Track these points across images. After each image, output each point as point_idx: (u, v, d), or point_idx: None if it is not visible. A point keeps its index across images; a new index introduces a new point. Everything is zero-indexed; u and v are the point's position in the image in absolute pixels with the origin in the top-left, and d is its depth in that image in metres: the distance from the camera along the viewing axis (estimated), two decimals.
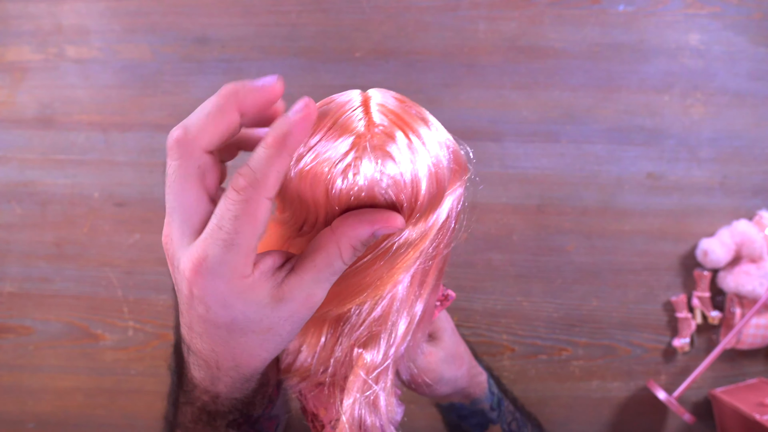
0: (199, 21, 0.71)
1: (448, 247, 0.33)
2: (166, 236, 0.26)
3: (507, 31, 0.70)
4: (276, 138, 0.24)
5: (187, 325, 0.27)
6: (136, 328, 0.71)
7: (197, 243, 0.25)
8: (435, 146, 0.28)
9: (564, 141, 0.70)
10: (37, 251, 0.72)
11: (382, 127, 0.27)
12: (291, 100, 0.74)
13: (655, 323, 0.70)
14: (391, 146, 0.27)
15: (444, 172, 0.28)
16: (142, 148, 0.71)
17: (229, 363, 0.28)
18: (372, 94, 0.29)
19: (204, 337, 0.27)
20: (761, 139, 0.70)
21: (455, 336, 0.45)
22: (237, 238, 0.24)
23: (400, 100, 0.29)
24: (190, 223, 0.26)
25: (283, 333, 0.27)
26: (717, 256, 0.66)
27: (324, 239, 0.26)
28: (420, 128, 0.28)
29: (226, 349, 0.27)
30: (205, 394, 0.31)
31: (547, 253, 0.71)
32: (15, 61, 0.72)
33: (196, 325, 0.27)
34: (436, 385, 0.43)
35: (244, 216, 0.24)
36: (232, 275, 0.24)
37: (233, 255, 0.24)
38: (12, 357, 0.72)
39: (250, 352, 0.28)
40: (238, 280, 0.25)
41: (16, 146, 0.72)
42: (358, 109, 0.28)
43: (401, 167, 0.27)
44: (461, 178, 0.31)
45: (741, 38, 0.70)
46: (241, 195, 0.23)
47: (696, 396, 0.70)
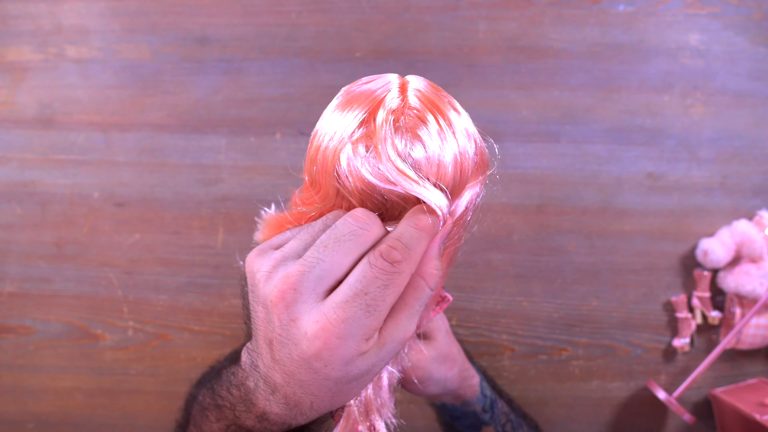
0: (199, 21, 0.71)
1: (460, 241, 0.33)
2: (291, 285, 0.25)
3: (507, 31, 0.70)
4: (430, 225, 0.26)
5: (287, 373, 0.27)
6: (136, 328, 0.71)
7: (335, 304, 0.25)
8: (463, 136, 0.29)
9: (564, 141, 0.70)
10: (37, 251, 0.72)
11: (416, 111, 0.28)
12: (291, 100, 0.75)
13: (655, 323, 0.70)
14: (423, 130, 0.28)
15: (468, 162, 0.29)
16: (142, 148, 0.71)
17: (325, 404, 0.28)
18: (410, 79, 0.30)
19: (308, 387, 0.27)
20: (761, 139, 0.70)
21: (449, 337, 0.45)
22: (380, 306, 0.25)
23: (436, 87, 0.30)
24: (329, 282, 0.25)
25: (378, 370, 0.28)
26: (717, 256, 0.66)
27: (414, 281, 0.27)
28: (451, 116, 0.29)
29: (327, 395, 0.27)
30: (276, 425, 0.30)
31: (547, 253, 0.71)
32: (15, 61, 0.72)
33: (301, 376, 0.26)
34: (424, 384, 0.43)
35: (393, 287, 0.25)
36: (363, 337, 0.25)
37: (372, 320, 0.25)
38: (12, 357, 0.72)
39: (348, 394, 0.28)
40: (364, 343, 0.25)
41: (16, 146, 0.72)
42: (395, 90, 0.29)
43: (429, 151, 0.27)
44: (483, 173, 0.32)
45: (741, 38, 0.70)
46: (395, 268, 0.25)
47: (696, 396, 0.70)
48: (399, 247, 0.25)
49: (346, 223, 0.26)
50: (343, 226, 0.26)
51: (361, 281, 0.25)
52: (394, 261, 0.25)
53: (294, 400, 0.28)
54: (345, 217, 0.26)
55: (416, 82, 0.29)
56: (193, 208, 0.71)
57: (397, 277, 0.25)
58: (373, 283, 0.24)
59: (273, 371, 0.27)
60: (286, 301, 0.25)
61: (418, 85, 0.29)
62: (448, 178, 0.28)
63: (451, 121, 0.28)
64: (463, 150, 0.29)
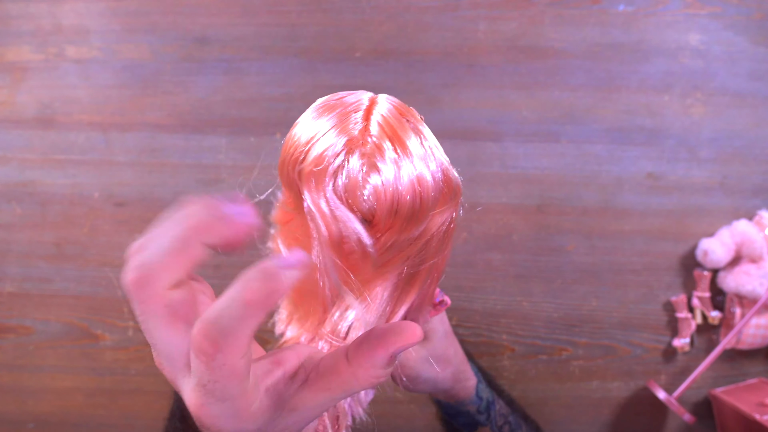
0: (199, 21, 0.71)
1: (434, 259, 0.33)
2: (158, 364, 0.24)
3: (507, 31, 0.70)
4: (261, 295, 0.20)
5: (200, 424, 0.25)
6: (136, 328, 0.71)
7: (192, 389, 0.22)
8: (422, 164, 0.29)
9: (564, 141, 0.70)
10: (37, 251, 0.72)
11: (375, 138, 0.28)
12: (291, 100, 0.74)
13: (655, 323, 0.70)
14: (379, 158, 0.28)
15: (428, 190, 0.29)
16: (142, 148, 0.71)
17: None
18: (379, 101, 0.30)
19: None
20: (761, 139, 0.70)
21: (446, 339, 0.45)
22: (226, 393, 0.21)
23: (402, 112, 0.30)
24: (176, 360, 0.23)
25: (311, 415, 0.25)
26: (717, 256, 0.66)
27: (341, 368, 0.24)
28: (411, 144, 0.28)
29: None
30: None
31: (547, 253, 0.71)
32: (15, 61, 0.72)
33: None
34: (412, 383, 0.43)
35: (223, 380, 0.21)
36: (236, 412, 0.22)
37: (229, 404, 0.22)
38: (12, 357, 0.72)
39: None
40: (245, 412, 0.22)
41: (16, 146, 0.72)
42: (360, 113, 0.29)
43: (383, 178, 0.27)
44: (451, 201, 0.31)
45: (741, 38, 0.70)
46: (211, 362, 0.20)
47: (696, 396, 0.70)
48: (210, 335, 0.20)
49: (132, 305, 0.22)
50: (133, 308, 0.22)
51: (195, 372, 0.21)
52: (207, 355, 0.20)
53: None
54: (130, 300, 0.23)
55: (383, 106, 0.29)
56: None
57: (219, 372, 0.20)
58: (202, 378, 0.21)
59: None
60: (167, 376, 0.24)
61: (384, 110, 0.29)
62: (405, 206, 0.28)
63: (409, 150, 0.28)
64: (421, 177, 0.28)
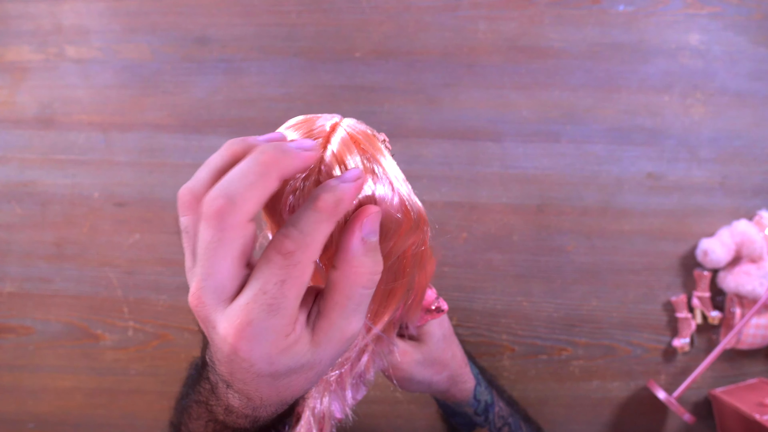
0: (199, 21, 0.71)
1: (407, 277, 0.33)
2: (197, 299, 0.25)
3: (507, 31, 0.70)
4: (329, 203, 0.23)
5: (227, 372, 0.27)
6: (136, 328, 0.71)
7: (238, 308, 0.24)
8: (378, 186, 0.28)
9: (564, 141, 0.70)
10: (37, 251, 0.72)
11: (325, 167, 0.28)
12: (291, 100, 0.74)
13: (655, 323, 0.70)
14: (336, 167, 0.28)
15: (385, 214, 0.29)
16: (142, 148, 0.71)
17: (273, 399, 0.28)
18: (339, 127, 0.30)
19: (248, 383, 0.27)
20: (761, 139, 0.70)
21: (443, 343, 0.45)
22: (283, 303, 0.23)
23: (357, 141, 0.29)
24: (227, 290, 0.24)
25: (324, 367, 0.27)
26: (717, 256, 0.66)
27: (332, 278, 0.26)
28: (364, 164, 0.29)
29: (271, 390, 0.27)
30: (241, 418, 0.30)
31: (547, 253, 0.71)
32: (15, 61, 0.72)
33: (239, 374, 0.26)
34: (404, 385, 0.43)
35: (291, 280, 0.23)
36: (276, 337, 0.24)
37: (278, 319, 0.23)
38: (12, 357, 0.72)
39: (293, 389, 0.28)
40: (282, 339, 0.24)
41: (16, 146, 0.72)
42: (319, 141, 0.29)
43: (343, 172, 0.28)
44: (413, 229, 0.31)
45: (741, 38, 0.70)
46: (288, 260, 0.23)
47: (696, 396, 0.70)
48: (291, 235, 0.23)
49: (205, 230, 0.24)
50: (204, 233, 0.24)
51: (258, 280, 0.23)
52: (286, 252, 0.23)
53: (245, 395, 0.28)
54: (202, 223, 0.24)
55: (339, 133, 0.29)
56: None
57: (293, 270, 0.23)
58: (269, 281, 0.23)
59: (221, 367, 0.27)
60: (201, 314, 0.25)
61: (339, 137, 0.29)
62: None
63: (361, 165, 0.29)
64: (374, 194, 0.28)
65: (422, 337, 0.44)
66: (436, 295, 0.43)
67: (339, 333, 0.26)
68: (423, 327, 0.44)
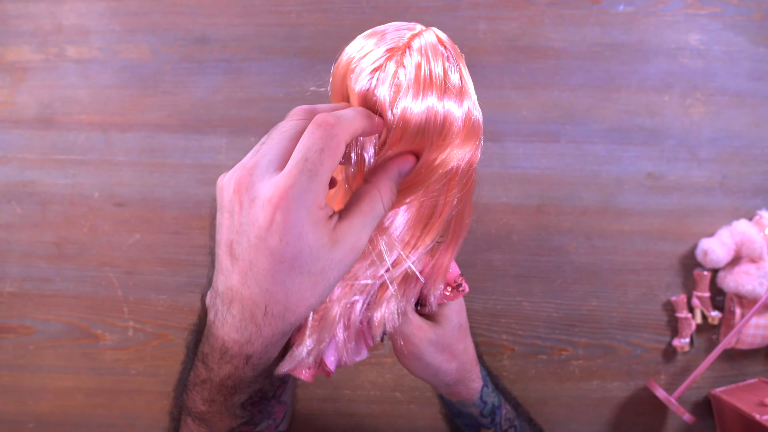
0: (199, 21, 0.71)
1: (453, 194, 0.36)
2: (248, 170, 0.29)
3: (507, 31, 0.70)
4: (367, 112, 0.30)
5: (244, 269, 0.29)
6: (136, 328, 0.71)
7: (284, 174, 0.28)
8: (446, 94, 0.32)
9: (564, 141, 0.70)
10: (37, 251, 0.72)
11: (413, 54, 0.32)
12: (291, 100, 0.74)
13: (655, 323, 0.70)
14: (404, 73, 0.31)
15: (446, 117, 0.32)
16: (142, 148, 0.71)
17: (279, 307, 0.30)
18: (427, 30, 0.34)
19: (262, 277, 0.29)
20: (761, 139, 0.70)
21: (458, 332, 0.44)
22: (321, 169, 0.28)
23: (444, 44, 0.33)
24: (280, 162, 0.29)
25: (331, 278, 0.30)
26: (717, 256, 0.66)
27: (364, 188, 0.31)
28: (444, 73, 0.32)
29: (281, 289, 0.29)
30: (236, 358, 0.32)
31: (547, 253, 0.71)
32: (15, 61, 0.72)
33: (261, 261, 0.28)
34: (412, 361, 0.42)
35: (328, 150, 0.28)
36: (312, 204, 0.28)
37: (316, 185, 0.28)
38: (12, 357, 0.72)
39: (301, 294, 0.29)
40: (316, 210, 0.28)
41: (16, 146, 0.72)
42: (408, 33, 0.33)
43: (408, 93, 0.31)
44: (472, 141, 0.34)
45: (741, 38, 0.70)
46: (328, 131, 0.28)
47: (696, 396, 0.70)
48: (333, 115, 0.28)
49: (287, 121, 0.31)
50: (285, 123, 0.30)
51: (301, 150, 0.28)
52: (326, 124, 0.28)
53: (250, 305, 0.29)
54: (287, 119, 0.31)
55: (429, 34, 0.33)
56: (193, 208, 0.71)
57: (330, 141, 0.28)
58: (310, 149, 0.28)
59: (231, 276, 0.30)
60: (245, 185, 0.29)
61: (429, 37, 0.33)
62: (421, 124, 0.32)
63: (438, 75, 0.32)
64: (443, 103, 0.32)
65: (439, 319, 0.43)
66: (459, 272, 0.43)
67: (353, 239, 0.30)
68: (442, 309, 0.44)
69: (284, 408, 0.41)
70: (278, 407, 0.40)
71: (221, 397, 0.35)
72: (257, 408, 0.37)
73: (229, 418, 0.37)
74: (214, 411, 0.36)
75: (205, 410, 0.36)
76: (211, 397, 0.35)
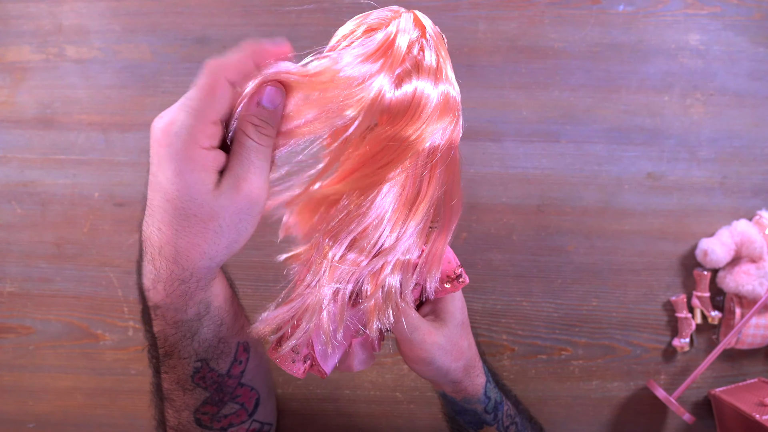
0: (199, 21, 0.71)
1: (438, 169, 0.37)
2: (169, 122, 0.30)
3: (507, 31, 0.70)
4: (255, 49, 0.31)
5: (148, 213, 0.32)
6: (136, 328, 0.71)
7: (166, 112, 0.30)
8: (417, 73, 0.33)
9: (564, 141, 0.70)
10: (37, 251, 0.72)
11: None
12: None
13: (655, 323, 0.70)
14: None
15: (421, 96, 0.33)
16: (142, 148, 0.71)
17: (170, 248, 0.31)
18: (406, 13, 0.35)
19: (156, 215, 0.31)
20: (761, 139, 0.70)
21: (462, 330, 0.45)
22: (198, 106, 0.29)
23: (423, 29, 0.35)
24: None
25: (224, 226, 0.31)
26: (717, 256, 0.66)
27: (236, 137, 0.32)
28: (407, 50, 0.33)
29: (170, 229, 0.31)
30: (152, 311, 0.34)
31: (547, 253, 0.71)
32: (15, 61, 0.72)
33: (155, 199, 0.31)
34: (422, 365, 0.42)
35: (206, 89, 0.29)
36: (191, 139, 0.29)
37: (195, 120, 0.29)
38: (12, 357, 0.72)
39: (190, 238, 0.31)
40: (196, 147, 0.29)
41: (16, 146, 0.72)
42: (388, 15, 0.35)
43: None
44: (449, 119, 0.35)
45: (741, 38, 0.70)
46: (207, 75, 0.29)
47: (696, 396, 0.70)
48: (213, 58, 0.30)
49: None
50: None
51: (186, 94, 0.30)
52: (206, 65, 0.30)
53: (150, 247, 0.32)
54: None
55: (407, 17, 0.35)
56: None
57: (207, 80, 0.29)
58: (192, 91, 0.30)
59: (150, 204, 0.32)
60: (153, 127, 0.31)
61: (407, 19, 0.35)
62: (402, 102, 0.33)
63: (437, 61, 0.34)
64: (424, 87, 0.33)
65: (444, 317, 0.43)
66: (459, 263, 0.43)
67: (236, 182, 0.30)
68: (446, 305, 0.44)
69: (253, 394, 0.41)
70: (242, 390, 0.40)
71: (167, 365, 0.36)
72: (209, 383, 0.37)
73: (185, 395, 0.38)
74: (172, 386, 0.37)
75: (167, 387, 0.37)
76: (163, 368, 0.36)
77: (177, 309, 0.34)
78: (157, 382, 0.39)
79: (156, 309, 0.34)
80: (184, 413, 0.38)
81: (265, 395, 0.43)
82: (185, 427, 0.39)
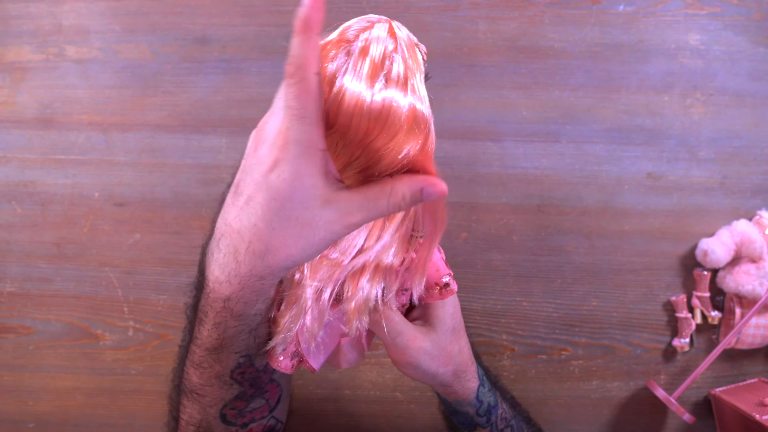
0: (199, 21, 0.71)
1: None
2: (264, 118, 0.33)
3: (507, 31, 0.70)
4: (300, 24, 0.29)
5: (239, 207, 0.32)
6: (136, 328, 0.71)
7: (278, 119, 0.31)
8: (386, 84, 0.32)
9: (564, 141, 0.70)
10: (37, 251, 0.72)
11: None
12: None
13: (655, 323, 0.70)
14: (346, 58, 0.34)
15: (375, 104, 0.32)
16: (142, 148, 0.71)
17: (261, 245, 0.31)
18: (379, 23, 0.35)
19: (254, 211, 0.31)
20: (761, 139, 0.70)
21: (452, 335, 0.45)
22: (305, 112, 0.29)
23: (395, 39, 0.34)
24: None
25: (316, 236, 0.31)
26: (717, 256, 0.66)
27: (383, 179, 0.32)
28: (378, 61, 0.33)
29: (267, 226, 0.31)
30: (217, 302, 0.33)
31: (547, 253, 0.71)
32: (15, 61, 0.72)
33: (258, 197, 0.31)
34: (408, 369, 0.43)
35: (303, 93, 0.29)
36: (309, 143, 0.29)
37: (307, 126, 0.29)
38: (12, 357, 0.72)
39: (284, 239, 0.31)
40: (315, 150, 0.30)
41: (16, 146, 0.72)
42: (364, 25, 0.35)
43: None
44: (418, 132, 0.34)
45: (741, 38, 0.70)
46: (295, 78, 0.29)
47: (696, 396, 0.70)
48: (288, 62, 0.29)
49: None
50: None
51: (281, 100, 0.31)
52: (289, 75, 0.29)
53: (235, 240, 0.32)
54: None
55: (380, 27, 0.35)
56: (193, 208, 0.71)
57: (300, 85, 0.29)
58: (288, 98, 0.29)
59: (229, 212, 0.32)
60: (259, 129, 0.33)
61: (380, 30, 0.35)
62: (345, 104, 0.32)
63: (394, 62, 0.33)
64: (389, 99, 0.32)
65: (433, 322, 0.43)
66: (449, 272, 0.43)
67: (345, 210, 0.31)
68: (435, 311, 0.44)
69: (278, 390, 0.42)
70: (271, 386, 0.41)
71: (210, 359, 0.36)
72: (246, 378, 0.37)
73: (220, 389, 0.37)
74: (205, 381, 0.37)
75: (197, 382, 0.37)
76: (200, 361, 0.36)
77: (246, 302, 0.34)
78: (180, 376, 0.39)
79: (227, 301, 0.33)
80: (212, 409, 0.38)
81: (286, 391, 0.44)
82: (209, 423, 0.39)
